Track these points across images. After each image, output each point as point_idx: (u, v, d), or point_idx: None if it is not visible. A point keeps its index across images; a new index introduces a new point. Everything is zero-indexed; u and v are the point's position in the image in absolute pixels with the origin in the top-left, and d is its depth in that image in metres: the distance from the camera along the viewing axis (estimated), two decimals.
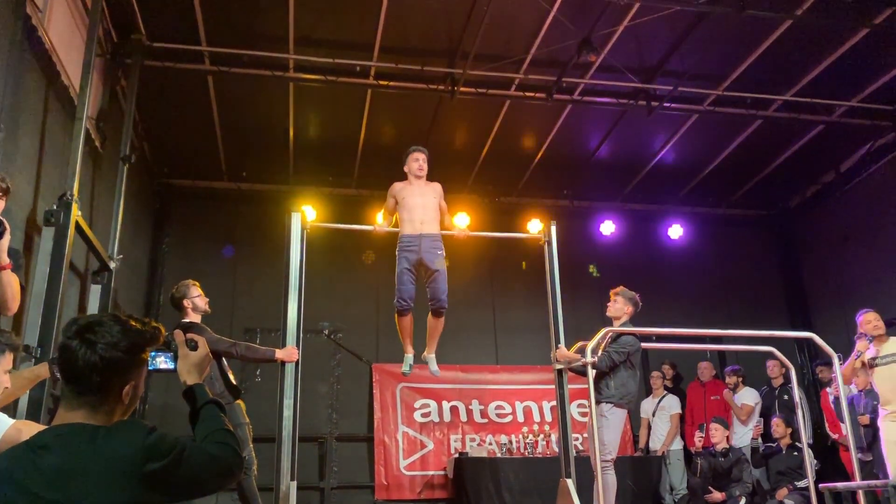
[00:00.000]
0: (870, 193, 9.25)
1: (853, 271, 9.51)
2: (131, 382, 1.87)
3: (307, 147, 9.05)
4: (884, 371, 5.94)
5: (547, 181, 9.94)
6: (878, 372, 5.98)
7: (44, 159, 5.44)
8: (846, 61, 7.48)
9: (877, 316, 6.09)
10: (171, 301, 5.53)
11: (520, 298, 9.68)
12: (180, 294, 5.46)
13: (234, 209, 9.59)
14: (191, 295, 5.46)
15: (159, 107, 8.03)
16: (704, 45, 7.25)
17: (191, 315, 5.44)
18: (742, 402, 8.43)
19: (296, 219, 5.79)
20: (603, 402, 5.61)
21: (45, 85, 5.47)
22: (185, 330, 5.24)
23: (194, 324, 5.38)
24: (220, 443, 1.89)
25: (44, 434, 1.77)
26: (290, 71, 7.48)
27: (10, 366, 2.99)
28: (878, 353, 5.99)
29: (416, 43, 7.34)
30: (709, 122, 8.61)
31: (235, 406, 5.32)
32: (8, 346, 2.93)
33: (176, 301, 5.47)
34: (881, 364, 5.96)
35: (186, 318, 5.44)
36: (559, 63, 7.46)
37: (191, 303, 5.44)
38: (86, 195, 6.30)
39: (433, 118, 8.46)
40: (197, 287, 5.52)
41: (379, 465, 8.81)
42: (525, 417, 9.27)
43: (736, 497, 7.36)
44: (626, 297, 5.97)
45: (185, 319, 5.44)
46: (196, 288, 5.51)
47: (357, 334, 9.35)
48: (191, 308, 5.44)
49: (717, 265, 10.52)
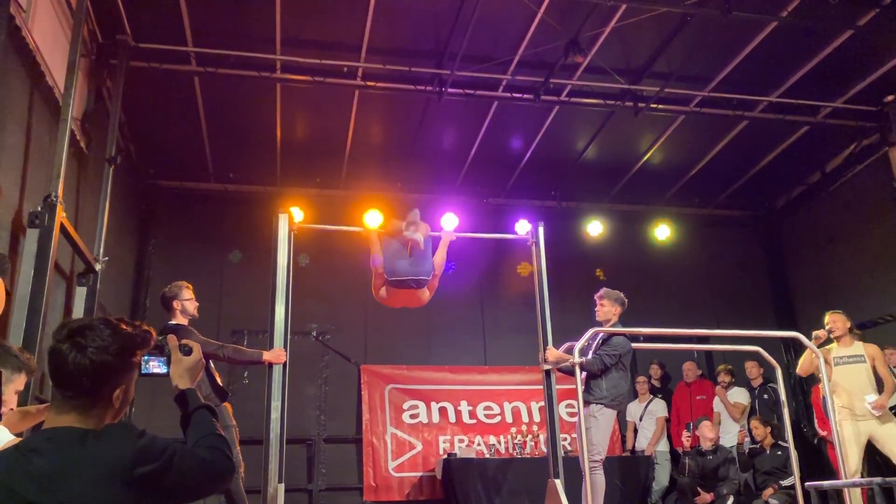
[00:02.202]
0: (855, 194, 9.32)
1: (838, 271, 9.58)
2: (122, 386, 1.85)
3: (294, 148, 9.02)
4: (843, 371, 6.25)
5: (534, 182, 9.96)
6: (837, 371, 6.21)
7: (29, 160, 5.39)
8: (831, 63, 7.55)
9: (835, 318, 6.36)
10: (161, 300, 5.47)
11: (508, 299, 9.70)
12: (171, 294, 5.41)
13: (221, 210, 9.53)
14: (182, 297, 5.41)
15: (145, 108, 7.97)
16: (691, 46, 7.29)
17: (178, 317, 5.38)
18: (735, 400, 8.48)
19: (283, 220, 5.77)
20: (594, 403, 5.63)
21: (29, 86, 5.42)
22: (172, 332, 5.21)
23: (181, 326, 5.33)
24: (211, 447, 1.89)
25: (34, 438, 1.76)
26: (277, 72, 7.45)
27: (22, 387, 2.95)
28: (839, 354, 6.30)
29: (403, 44, 7.34)
30: (695, 124, 8.66)
31: (222, 408, 5.28)
32: (24, 368, 2.91)
33: (166, 301, 5.42)
34: (840, 364, 6.24)
35: (174, 319, 5.39)
36: (546, 64, 7.48)
37: (180, 304, 5.39)
38: (71, 197, 6.25)
39: (421, 119, 8.46)
40: (189, 290, 5.47)
41: (367, 466, 8.79)
42: (513, 418, 9.29)
43: (724, 496, 7.41)
44: (612, 299, 5.99)
45: (171, 321, 5.38)
46: (188, 291, 5.47)
47: (345, 336, 9.32)
48: (179, 310, 5.39)
49: (703, 265, 10.58)
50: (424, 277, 5.68)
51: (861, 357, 6.23)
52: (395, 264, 5.65)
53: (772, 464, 7.51)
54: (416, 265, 5.72)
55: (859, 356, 6.24)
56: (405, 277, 5.59)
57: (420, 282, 5.63)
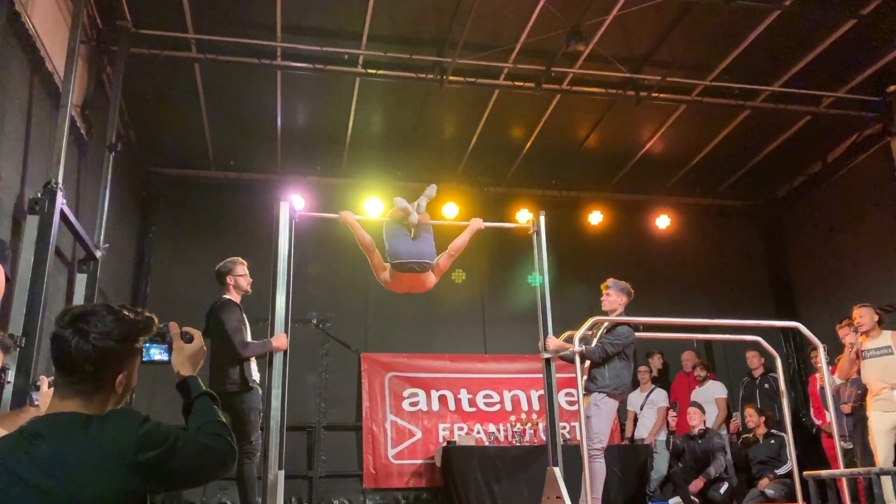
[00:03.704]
0: (856, 184, 9.30)
1: (838, 261, 9.58)
2: (124, 372, 1.86)
3: (295, 136, 9.01)
4: (872, 364, 6.17)
5: (535, 171, 9.94)
6: (866, 364, 6.15)
7: (30, 147, 5.38)
8: (833, 52, 7.52)
9: (863, 312, 6.23)
10: (216, 274, 5.53)
11: (508, 288, 9.69)
12: (226, 269, 5.49)
13: (221, 198, 9.53)
14: (236, 273, 5.49)
15: (146, 95, 7.95)
16: (693, 35, 7.26)
17: (231, 293, 5.46)
18: (716, 396, 8.50)
19: (284, 208, 5.76)
20: (596, 392, 5.63)
21: (29, 72, 5.41)
22: (222, 306, 5.26)
23: (230, 301, 5.41)
24: (213, 434, 1.89)
25: (37, 422, 1.77)
26: (277, 59, 7.42)
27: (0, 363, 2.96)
28: (868, 346, 6.22)
29: (404, 31, 7.31)
30: (697, 113, 8.63)
31: (254, 391, 5.33)
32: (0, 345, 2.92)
33: (220, 276, 5.49)
34: (869, 357, 6.14)
35: (227, 294, 5.46)
36: (548, 53, 7.45)
37: (234, 280, 5.47)
38: (72, 184, 6.25)
39: (422, 107, 8.44)
40: (244, 266, 5.55)
41: (367, 454, 8.83)
42: (513, 406, 9.32)
43: (717, 484, 7.45)
44: (619, 289, 5.99)
45: (224, 296, 5.46)
46: (242, 266, 5.54)
47: (346, 324, 9.34)
48: (233, 285, 5.46)
49: (703, 255, 10.57)
50: (428, 261, 5.65)
51: (889, 349, 6.13)
52: (398, 248, 5.62)
53: (766, 453, 7.55)
54: (420, 248, 5.68)
55: (887, 347, 6.15)
56: (408, 261, 5.56)
57: (424, 265, 5.60)
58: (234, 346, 5.25)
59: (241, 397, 5.21)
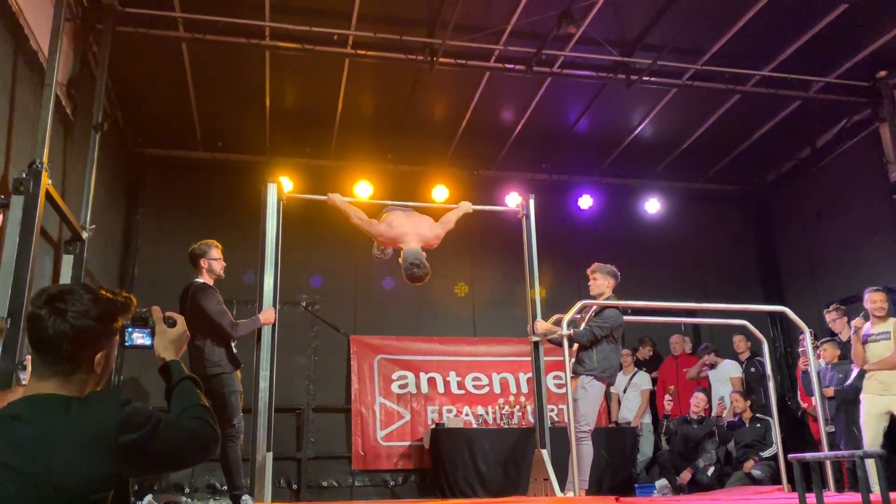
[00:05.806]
0: (845, 170, 9.33)
1: (825, 247, 9.63)
2: (103, 351, 1.84)
3: (284, 117, 8.93)
4: (873, 347, 6.22)
5: (526, 155, 9.92)
6: (869, 348, 6.22)
7: (14, 126, 5.31)
8: (824, 37, 7.50)
9: (877, 297, 6.26)
10: (190, 256, 5.47)
11: (497, 271, 9.70)
12: (200, 252, 5.42)
13: (209, 179, 9.45)
14: (210, 255, 5.43)
15: (132, 74, 7.86)
16: (684, 18, 7.22)
17: (204, 276, 5.42)
18: (731, 375, 8.53)
19: (272, 189, 5.74)
20: (584, 375, 5.66)
21: (13, 49, 5.33)
22: (197, 290, 5.23)
23: (205, 286, 5.36)
24: (196, 418, 1.89)
25: (16, 404, 1.75)
26: (266, 39, 7.34)
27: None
28: (875, 331, 6.26)
29: (394, 12, 7.24)
30: (687, 97, 8.62)
31: (233, 375, 5.31)
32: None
33: (194, 258, 5.43)
34: (870, 341, 6.22)
35: (200, 277, 5.41)
36: (539, 35, 7.41)
37: (207, 263, 5.42)
38: (57, 164, 6.18)
39: (412, 89, 8.38)
40: (218, 249, 5.49)
41: (356, 435, 8.86)
42: (501, 389, 9.36)
43: (704, 468, 7.53)
44: (605, 272, 6.00)
45: (198, 279, 5.41)
46: (217, 250, 5.48)
47: (335, 306, 9.34)
48: (206, 268, 5.41)
49: (693, 240, 10.61)
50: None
51: (887, 334, 6.16)
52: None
53: (752, 436, 7.62)
54: None
55: (887, 333, 6.16)
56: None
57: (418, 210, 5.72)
58: (222, 328, 5.23)
59: (222, 380, 5.18)
